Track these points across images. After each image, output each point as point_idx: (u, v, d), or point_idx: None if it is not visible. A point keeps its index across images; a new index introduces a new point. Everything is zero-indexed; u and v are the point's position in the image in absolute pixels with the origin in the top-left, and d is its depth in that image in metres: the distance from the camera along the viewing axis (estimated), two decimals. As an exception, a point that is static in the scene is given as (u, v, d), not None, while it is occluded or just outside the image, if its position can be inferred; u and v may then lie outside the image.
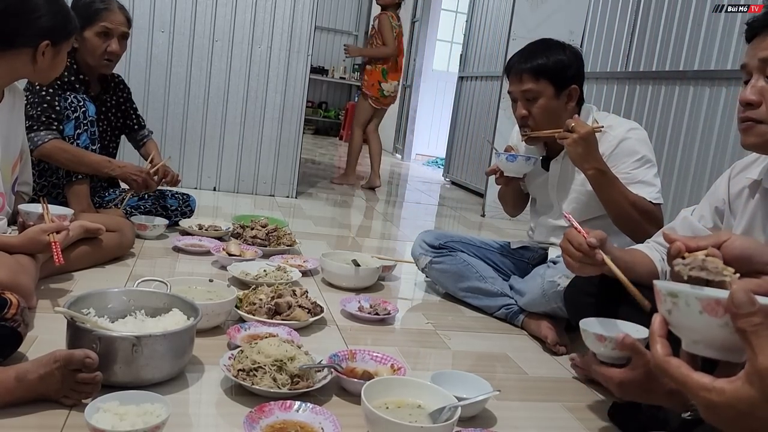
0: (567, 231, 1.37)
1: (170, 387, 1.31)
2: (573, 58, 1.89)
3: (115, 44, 2.32)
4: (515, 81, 1.91)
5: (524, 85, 1.88)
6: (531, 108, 1.89)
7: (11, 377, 1.13)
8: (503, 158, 1.98)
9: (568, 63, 1.87)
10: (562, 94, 1.88)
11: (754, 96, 1.13)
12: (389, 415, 1.17)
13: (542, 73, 1.86)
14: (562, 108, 1.89)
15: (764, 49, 1.11)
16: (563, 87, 1.88)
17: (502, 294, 2.06)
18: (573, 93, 1.89)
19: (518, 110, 1.93)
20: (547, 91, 1.87)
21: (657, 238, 1.55)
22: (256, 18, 3.68)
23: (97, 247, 2.01)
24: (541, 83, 1.86)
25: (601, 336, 1.15)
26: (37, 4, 1.66)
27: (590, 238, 1.28)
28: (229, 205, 3.47)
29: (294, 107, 3.82)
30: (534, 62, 1.86)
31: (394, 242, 3.21)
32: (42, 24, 1.65)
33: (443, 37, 7.90)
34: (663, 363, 0.67)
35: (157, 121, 3.59)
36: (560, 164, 1.99)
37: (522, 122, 1.94)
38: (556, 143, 1.94)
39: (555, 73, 1.86)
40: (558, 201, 2.02)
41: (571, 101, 1.90)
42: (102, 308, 1.40)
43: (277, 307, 1.72)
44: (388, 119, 8.43)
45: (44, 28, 1.66)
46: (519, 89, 1.89)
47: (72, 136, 2.23)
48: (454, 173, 5.84)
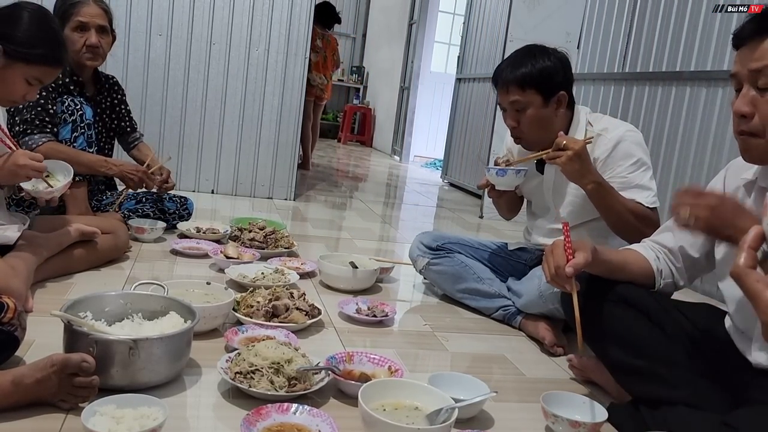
0: (556, 241, 1.38)
1: (167, 390, 1.31)
2: (559, 64, 1.86)
3: (94, 37, 2.29)
4: (502, 92, 1.88)
5: (511, 96, 1.85)
6: (520, 118, 1.86)
7: (8, 381, 1.13)
8: (493, 173, 1.96)
9: (554, 70, 1.84)
10: (551, 102, 1.85)
11: (747, 108, 1.13)
12: (387, 417, 1.17)
13: (528, 83, 1.82)
14: (551, 115, 1.87)
15: (755, 60, 1.11)
16: (551, 95, 1.84)
17: (500, 295, 2.06)
18: (562, 99, 1.86)
19: (508, 120, 1.91)
20: (535, 100, 1.84)
21: (654, 236, 1.55)
22: (254, 21, 3.68)
23: (92, 249, 2.01)
24: (528, 93, 1.83)
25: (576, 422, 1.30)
26: (21, 16, 1.65)
27: (569, 267, 1.31)
28: (227, 207, 3.47)
29: (292, 110, 3.82)
30: (519, 72, 1.83)
31: (392, 244, 3.21)
32: (9, 33, 1.63)
33: (441, 39, 7.90)
34: (743, 272, 0.65)
35: (154, 124, 3.59)
36: (555, 168, 1.98)
37: (513, 132, 1.93)
38: (551, 145, 1.93)
39: (541, 82, 1.82)
40: (554, 204, 2.01)
41: (561, 107, 1.87)
42: (99, 311, 1.40)
43: (275, 309, 1.72)
44: (387, 121, 8.47)
45: (4, 34, 1.63)
46: (507, 100, 1.87)
47: (69, 139, 2.23)
48: (452, 175, 5.85)
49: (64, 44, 1.77)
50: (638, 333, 1.39)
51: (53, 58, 1.71)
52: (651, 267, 1.48)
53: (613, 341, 1.43)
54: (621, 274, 1.46)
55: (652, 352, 1.35)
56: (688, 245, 1.46)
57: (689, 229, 1.21)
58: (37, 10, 1.72)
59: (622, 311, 1.43)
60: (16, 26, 1.65)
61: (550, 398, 1.37)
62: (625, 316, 1.42)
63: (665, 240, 1.50)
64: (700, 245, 1.44)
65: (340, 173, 6.00)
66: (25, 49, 1.65)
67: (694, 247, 1.45)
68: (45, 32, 1.70)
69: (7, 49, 1.63)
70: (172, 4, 3.53)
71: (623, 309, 1.43)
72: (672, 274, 1.49)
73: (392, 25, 8.40)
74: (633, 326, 1.40)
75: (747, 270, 0.65)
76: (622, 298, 1.44)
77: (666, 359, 1.33)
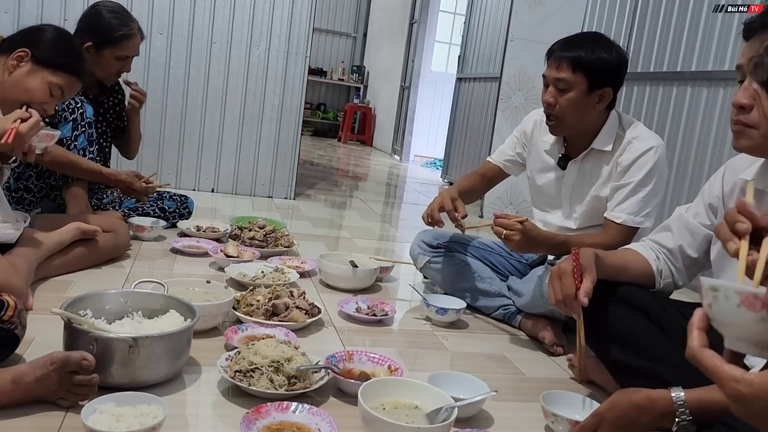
0: (563, 266, 1.39)
1: (167, 388, 1.31)
2: (617, 60, 1.81)
3: (129, 65, 2.41)
4: (553, 66, 1.83)
5: (560, 72, 1.80)
6: (560, 97, 1.82)
7: (8, 379, 1.13)
8: (433, 310, 1.96)
9: (611, 63, 1.79)
10: (595, 93, 1.80)
11: (746, 99, 1.13)
12: (386, 415, 1.17)
13: (581, 66, 1.77)
14: (590, 106, 1.82)
15: (756, 52, 1.11)
16: (598, 86, 1.80)
17: (500, 294, 2.06)
18: (605, 95, 1.82)
19: (546, 96, 1.85)
20: (580, 85, 1.79)
21: (654, 236, 1.55)
22: (255, 20, 3.68)
23: (93, 248, 2.01)
24: (577, 75, 1.78)
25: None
26: (47, 30, 1.78)
27: (583, 297, 1.33)
28: (227, 206, 3.47)
29: (292, 109, 3.82)
30: (577, 52, 1.78)
31: (392, 243, 3.21)
32: (37, 41, 1.72)
33: (441, 38, 7.90)
34: (697, 353, 0.67)
35: (155, 123, 3.59)
36: (578, 165, 1.94)
37: (547, 108, 1.86)
38: (578, 142, 1.91)
39: (593, 69, 1.77)
40: (570, 203, 1.98)
41: (602, 103, 1.83)
42: (99, 310, 1.40)
43: (275, 308, 1.72)
44: (387, 120, 8.46)
45: (33, 41, 1.72)
46: (554, 75, 1.82)
47: (70, 137, 2.23)
48: (452, 174, 5.84)
49: (85, 61, 1.89)
50: (639, 333, 1.40)
51: (77, 69, 1.82)
52: (651, 267, 1.48)
53: (614, 341, 1.43)
54: (622, 276, 1.46)
55: (652, 353, 1.36)
56: (686, 245, 1.46)
57: None
58: (60, 28, 1.87)
59: (622, 312, 1.43)
60: (43, 37, 1.76)
61: (550, 397, 1.37)
62: (625, 316, 1.42)
63: (664, 240, 1.50)
64: (698, 244, 1.45)
65: (340, 172, 6.00)
66: (53, 56, 1.74)
67: (692, 246, 1.45)
68: (69, 46, 1.82)
69: (36, 54, 1.71)
70: (173, 3, 3.53)
71: (624, 309, 1.43)
72: (672, 274, 1.49)
73: (393, 25, 8.39)
74: (633, 326, 1.41)
75: (701, 350, 0.67)
76: (622, 299, 1.44)
77: (666, 359, 1.33)
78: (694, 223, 1.45)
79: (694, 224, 1.45)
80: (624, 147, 1.83)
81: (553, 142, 1.99)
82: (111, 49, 2.32)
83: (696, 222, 1.45)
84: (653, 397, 1.14)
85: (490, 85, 5.04)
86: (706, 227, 1.43)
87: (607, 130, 1.87)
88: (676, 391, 1.12)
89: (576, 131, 1.89)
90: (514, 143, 2.16)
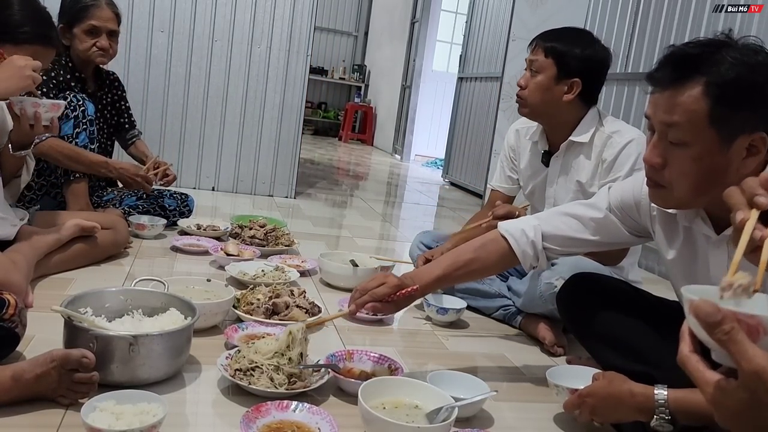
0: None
1: (167, 386, 1.31)
2: (592, 55, 1.85)
3: (104, 40, 2.33)
4: (530, 49, 1.92)
5: (534, 55, 1.88)
6: (530, 80, 1.89)
7: (8, 377, 1.13)
8: (434, 310, 1.96)
9: (583, 57, 1.84)
10: (563, 82, 1.85)
11: (658, 159, 1.12)
12: (386, 415, 1.17)
13: (554, 53, 1.85)
14: (558, 95, 1.87)
15: (666, 112, 1.08)
16: (567, 75, 1.85)
17: (500, 295, 2.06)
18: (575, 86, 1.86)
19: (521, 80, 1.93)
20: (549, 70, 1.85)
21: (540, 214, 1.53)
22: (256, 18, 3.68)
23: (92, 245, 2.00)
24: (548, 60, 1.85)
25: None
26: (11, 2, 1.64)
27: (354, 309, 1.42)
28: (227, 205, 3.47)
29: (293, 107, 3.82)
30: (553, 41, 1.86)
31: (393, 243, 3.21)
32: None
33: (443, 37, 7.90)
34: (684, 358, 0.68)
35: (156, 121, 3.59)
36: (561, 160, 1.97)
37: (518, 93, 1.93)
38: (557, 137, 1.94)
39: (564, 58, 1.84)
40: (556, 199, 2.00)
41: (571, 93, 1.86)
42: (99, 307, 1.40)
43: (275, 307, 1.72)
44: (388, 120, 8.46)
45: None
46: (529, 57, 1.91)
47: (71, 135, 2.23)
48: (453, 174, 5.84)
49: (54, 25, 1.77)
50: (632, 335, 1.39)
51: (42, 36, 1.68)
52: (510, 252, 1.46)
53: (605, 343, 1.43)
54: (466, 277, 1.55)
55: (647, 355, 1.35)
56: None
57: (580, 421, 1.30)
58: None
59: (613, 313, 1.43)
60: (3, 10, 1.64)
61: (555, 372, 1.46)
62: (616, 318, 1.42)
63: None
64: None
65: (340, 171, 6.00)
66: (11, 30, 1.63)
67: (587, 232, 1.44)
68: (33, 12, 1.68)
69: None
70: (174, 1, 3.53)
71: (615, 311, 1.43)
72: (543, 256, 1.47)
73: (394, 24, 8.39)
74: (626, 329, 1.40)
75: (689, 355, 0.68)
76: (612, 300, 1.44)
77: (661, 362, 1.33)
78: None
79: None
80: (605, 141, 1.86)
81: (536, 140, 2.03)
82: (79, 25, 2.30)
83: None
84: (634, 392, 1.16)
85: (491, 85, 5.04)
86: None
87: (586, 124, 1.91)
88: (660, 389, 1.13)
89: (543, 119, 1.94)
90: (503, 160, 2.21)
